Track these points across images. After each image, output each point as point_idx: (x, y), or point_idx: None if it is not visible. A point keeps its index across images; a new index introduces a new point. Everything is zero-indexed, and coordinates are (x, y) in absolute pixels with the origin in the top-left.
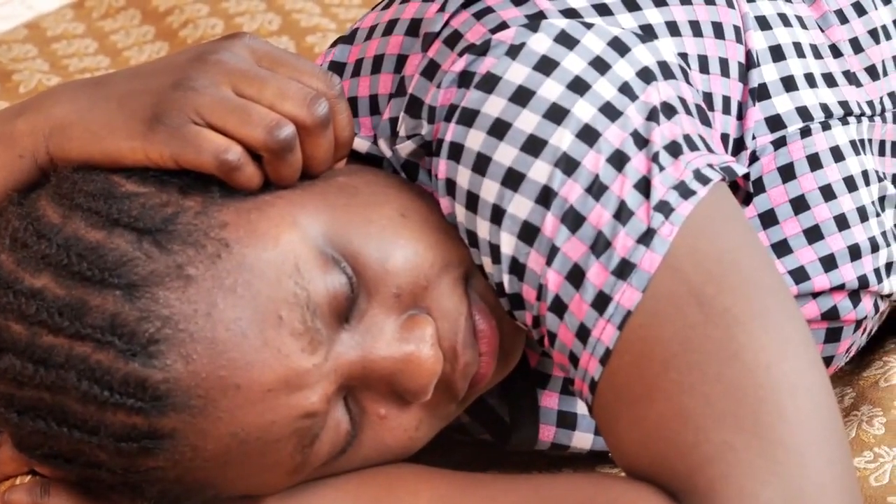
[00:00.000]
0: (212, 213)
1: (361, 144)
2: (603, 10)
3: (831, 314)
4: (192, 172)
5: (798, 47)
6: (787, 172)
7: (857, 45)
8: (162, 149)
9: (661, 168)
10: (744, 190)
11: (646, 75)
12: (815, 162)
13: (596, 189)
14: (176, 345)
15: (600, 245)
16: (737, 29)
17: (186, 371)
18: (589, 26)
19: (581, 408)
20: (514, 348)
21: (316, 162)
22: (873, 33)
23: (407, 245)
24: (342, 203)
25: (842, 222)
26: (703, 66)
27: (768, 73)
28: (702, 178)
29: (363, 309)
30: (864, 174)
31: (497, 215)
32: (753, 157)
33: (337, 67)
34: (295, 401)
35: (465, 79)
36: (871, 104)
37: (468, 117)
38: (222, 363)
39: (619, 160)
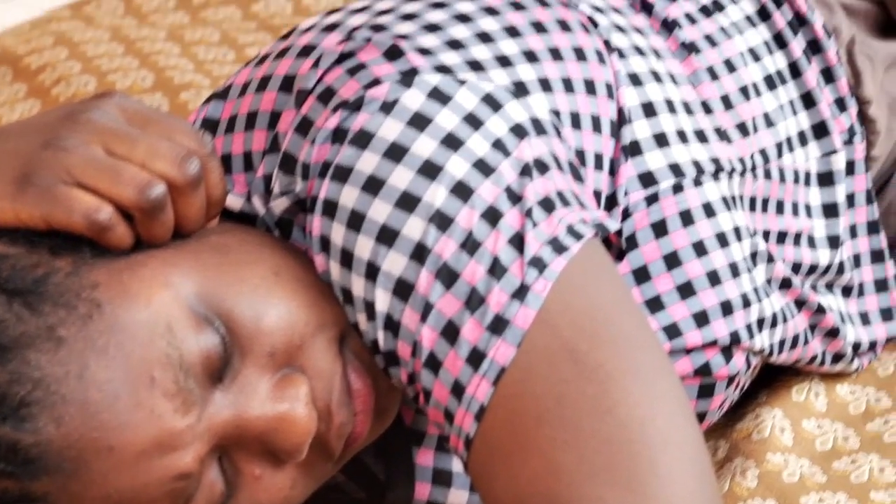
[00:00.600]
0: (83, 274)
1: (235, 202)
2: (476, 67)
3: (704, 370)
4: (63, 233)
5: (670, 104)
6: (659, 229)
7: (727, 102)
8: (32, 209)
9: (535, 224)
10: (616, 246)
11: (519, 131)
12: (687, 218)
13: (470, 245)
14: (47, 407)
15: (474, 301)
16: (609, 86)
17: (58, 434)
18: (462, 82)
19: (457, 465)
20: (390, 406)
21: (188, 221)
22: (744, 90)
23: (280, 304)
24: (215, 262)
25: (714, 278)
26: (575, 123)
27: (640, 129)
28: (575, 234)
29: (237, 368)
30: (736, 230)
31: (372, 272)
32: (626, 214)
33: (210, 124)
34: (168, 462)
35: (338, 135)
36: (741, 160)
37: (342, 174)
38: (95, 425)
39: (492, 216)
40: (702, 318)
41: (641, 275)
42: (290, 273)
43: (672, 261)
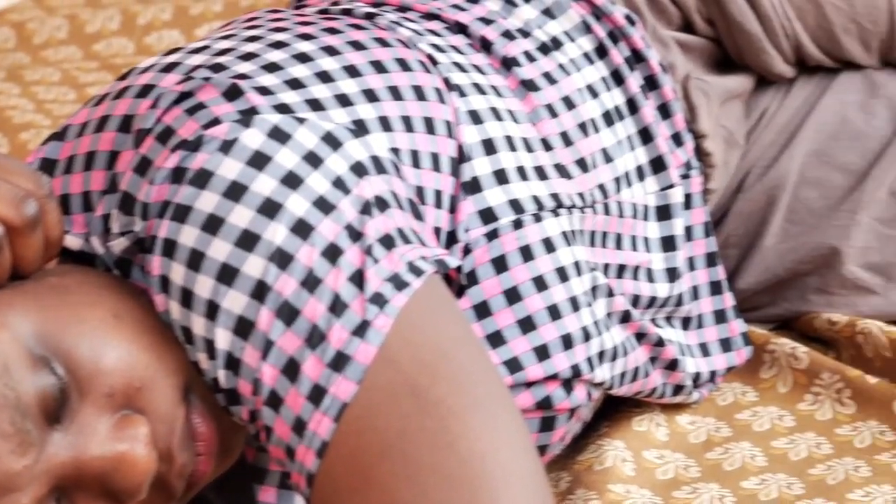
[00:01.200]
0: None
1: (74, 242)
2: (315, 106)
3: (545, 403)
4: None
5: (510, 141)
6: (500, 264)
7: (566, 139)
8: None
9: (375, 260)
10: (457, 282)
11: (359, 170)
12: (527, 253)
13: (310, 282)
14: None
15: (315, 338)
16: (448, 123)
17: None
18: (301, 121)
19: (299, 502)
20: (234, 445)
21: (26, 262)
22: (582, 127)
23: (120, 346)
24: (53, 303)
25: (554, 312)
26: (415, 161)
27: (480, 166)
28: (415, 271)
29: (75, 409)
30: (576, 265)
31: (212, 311)
32: (467, 250)
33: (49, 164)
34: None
35: (178, 175)
36: (581, 196)
37: (181, 213)
38: None
39: (332, 253)
40: (542, 352)
41: (482, 310)
42: (131, 315)
43: (513, 296)
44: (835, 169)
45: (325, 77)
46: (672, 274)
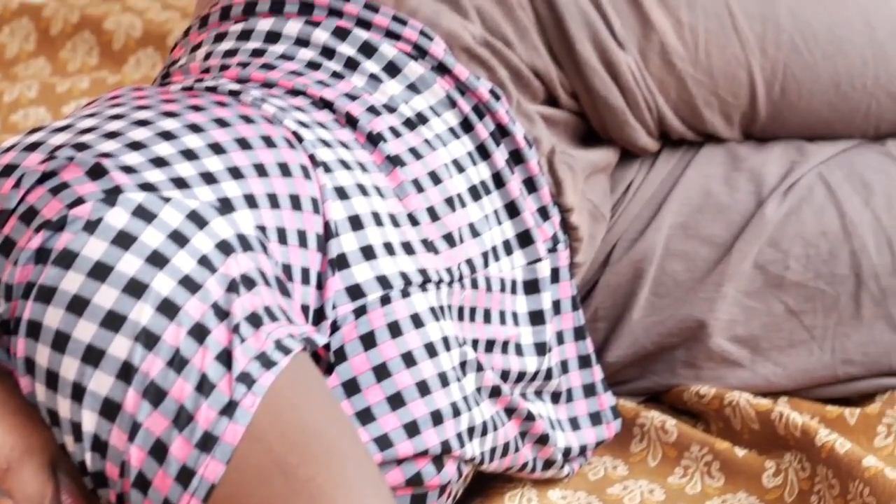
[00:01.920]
0: None
1: None
2: (181, 184)
3: (416, 480)
4: None
5: (376, 217)
6: (368, 341)
7: (433, 214)
8: None
9: (242, 339)
10: (325, 360)
11: (225, 248)
12: (395, 329)
13: (177, 363)
14: None
15: (183, 419)
16: (314, 200)
17: None
18: (167, 200)
19: None
20: None
21: None
22: (449, 202)
23: None
24: None
25: (423, 388)
26: (282, 238)
27: (347, 242)
28: (283, 349)
29: None
30: (445, 340)
31: (78, 393)
32: (335, 327)
33: None
34: None
35: (42, 255)
36: (449, 271)
37: (46, 294)
38: None
39: (199, 333)
40: (412, 429)
41: (351, 387)
42: None
43: (381, 372)
44: (700, 242)
45: (189, 155)
46: (541, 348)
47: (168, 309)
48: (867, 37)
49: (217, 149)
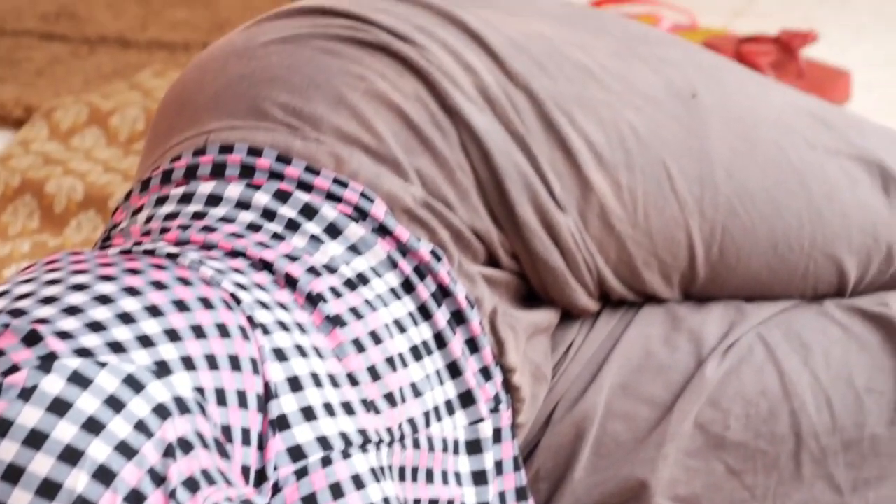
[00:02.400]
0: None
1: None
2: (117, 348)
3: None
4: None
5: (315, 378)
6: (310, 502)
7: (374, 373)
8: None
9: None
10: None
11: (161, 412)
12: (337, 491)
13: None
14: None
15: None
16: (254, 361)
17: None
18: (103, 365)
19: None
20: None
21: None
22: (390, 361)
23: None
24: None
25: None
26: (221, 399)
27: (287, 403)
28: None
29: None
30: (386, 501)
31: None
32: (276, 488)
33: None
34: None
35: None
36: (390, 431)
37: None
38: None
39: (136, 499)
40: None
41: None
42: None
43: None
44: (641, 402)
45: (126, 318)
46: None
47: (104, 476)
48: (804, 199)
49: (154, 311)
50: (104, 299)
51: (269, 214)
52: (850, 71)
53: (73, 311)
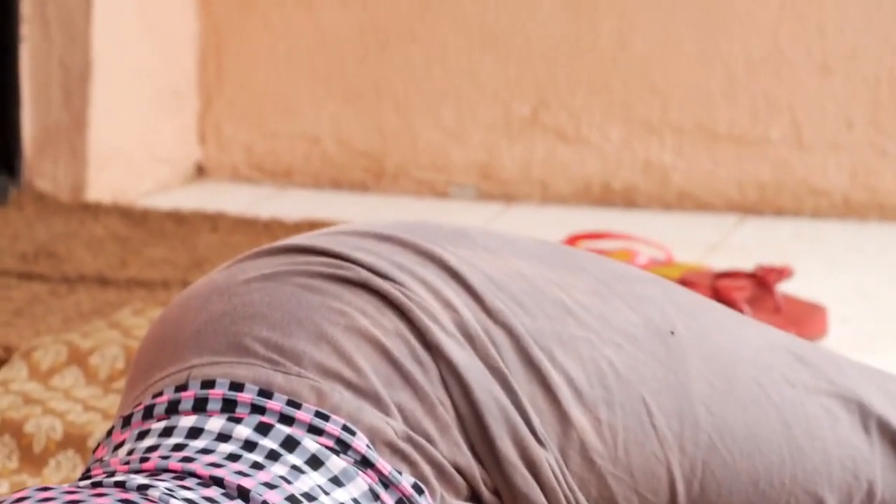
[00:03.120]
0: None
1: None
2: None
3: None
4: None
5: None
6: None
7: None
8: None
9: None
10: None
11: None
12: None
13: None
14: None
15: None
16: None
17: None
18: None
19: None
20: None
21: None
22: None
23: None
24: None
25: None
26: None
27: None
28: None
29: None
30: None
31: None
32: None
33: None
34: None
35: None
36: None
37: None
38: None
39: None
40: None
41: None
42: None
43: None
44: None
45: None
46: None
47: None
48: (784, 436)
49: None
50: None
51: (249, 445)
52: (826, 305)
53: None
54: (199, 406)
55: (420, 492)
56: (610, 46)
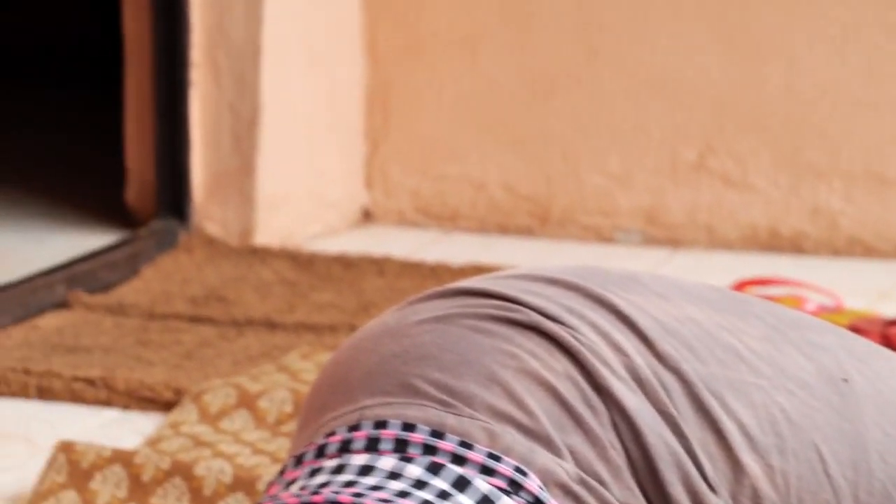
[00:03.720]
0: None
1: None
2: None
3: None
4: None
5: None
6: None
7: None
8: None
9: None
10: None
11: None
12: None
13: None
14: None
15: None
16: None
17: None
18: None
19: None
20: None
21: None
22: None
23: None
24: None
25: None
26: None
27: None
28: None
29: None
30: None
31: None
32: None
33: None
34: None
35: None
36: None
37: None
38: None
39: None
40: None
41: None
42: None
43: None
44: None
45: None
46: None
47: None
48: None
49: None
50: None
51: (420, 484)
52: None
53: None
54: (371, 446)
55: None
56: (776, 91)
